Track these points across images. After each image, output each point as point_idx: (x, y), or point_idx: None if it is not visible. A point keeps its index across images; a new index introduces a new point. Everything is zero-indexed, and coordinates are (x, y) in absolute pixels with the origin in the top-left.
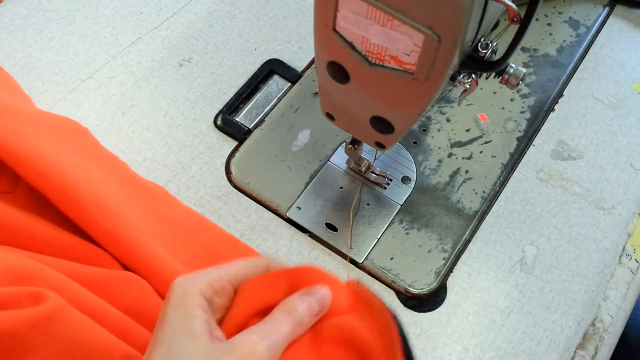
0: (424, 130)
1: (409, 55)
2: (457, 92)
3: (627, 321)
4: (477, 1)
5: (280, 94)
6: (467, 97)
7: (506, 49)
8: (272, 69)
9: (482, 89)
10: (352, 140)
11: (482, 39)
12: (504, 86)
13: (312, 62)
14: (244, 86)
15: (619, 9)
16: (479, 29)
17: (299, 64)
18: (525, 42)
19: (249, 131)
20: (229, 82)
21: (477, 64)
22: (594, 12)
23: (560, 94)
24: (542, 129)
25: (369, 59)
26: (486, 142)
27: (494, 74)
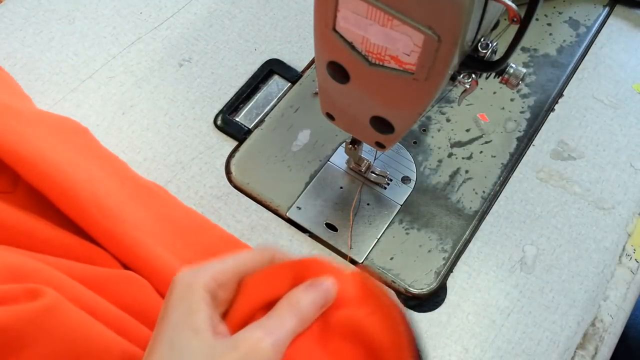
0: (424, 130)
1: (409, 55)
2: (457, 92)
3: (627, 321)
4: (477, 1)
5: (280, 94)
6: (467, 97)
7: (506, 49)
8: (272, 69)
9: (482, 89)
10: (352, 140)
11: (482, 39)
12: (504, 86)
13: (312, 62)
14: (244, 86)
15: (619, 9)
16: (479, 29)
17: (299, 64)
18: (525, 42)
19: (249, 131)
20: (229, 82)
21: (477, 64)
22: (594, 12)
23: (560, 94)
24: (542, 129)
25: (369, 59)
26: (486, 142)
27: (494, 74)
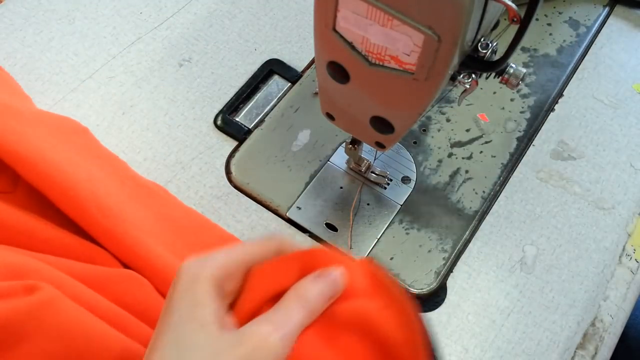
0: (424, 130)
1: (409, 55)
2: (457, 92)
3: (627, 321)
4: (477, 1)
5: (280, 94)
6: (467, 97)
7: (506, 49)
8: (272, 69)
9: (482, 89)
10: (352, 140)
11: (482, 39)
12: (504, 86)
13: (312, 62)
14: (244, 86)
15: (619, 9)
16: (479, 29)
17: (299, 64)
18: (525, 42)
19: (249, 131)
20: (229, 82)
21: (477, 64)
22: (594, 12)
23: (560, 94)
24: (542, 129)
25: (369, 59)
26: (486, 142)
27: (494, 74)
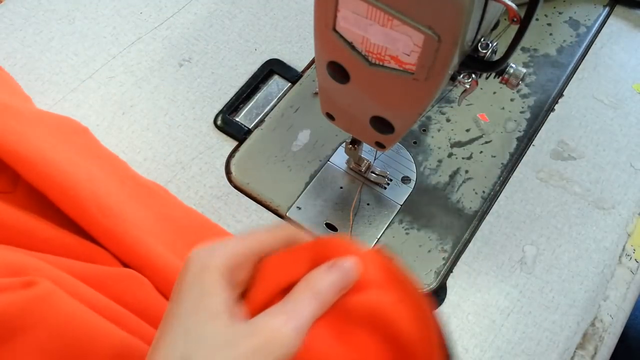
0: (424, 130)
1: (409, 55)
2: (457, 92)
3: (626, 321)
4: (477, 1)
5: (280, 94)
6: (467, 97)
7: (506, 49)
8: (272, 69)
9: (482, 89)
10: (352, 140)
11: (482, 39)
12: (504, 86)
13: (312, 62)
14: (244, 86)
15: (619, 9)
16: (479, 29)
17: (299, 64)
18: (525, 42)
19: (249, 131)
20: (229, 82)
21: (477, 64)
22: (594, 12)
23: (560, 94)
24: (542, 129)
25: (369, 59)
26: (486, 142)
27: (494, 74)
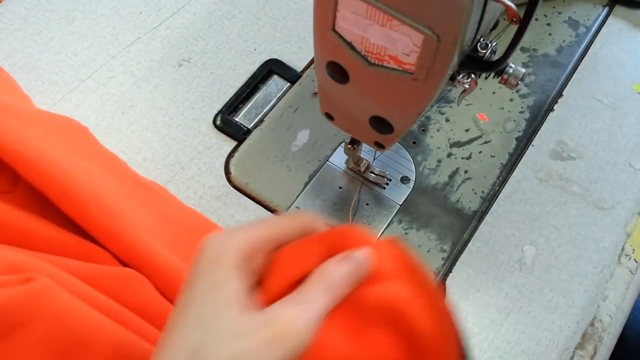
0: (423, 130)
1: (408, 55)
2: (456, 92)
3: (626, 321)
4: (477, 1)
5: (279, 94)
6: (467, 97)
7: (506, 49)
8: (272, 69)
9: (481, 89)
10: (352, 140)
11: (482, 39)
12: (504, 86)
13: (312, 62)
14: (243, 86)
15: (618, 9)
16: (478, 29)
17: (298, 64)
18: (524, 42)
19: (248, 131)
20: (228, 82)
21: (476, 64)
22: (594, 12)
23: (559, 94)
24: (542, 129)
25: (369, 59)
26: (485, 142)
27: (493, 74)
